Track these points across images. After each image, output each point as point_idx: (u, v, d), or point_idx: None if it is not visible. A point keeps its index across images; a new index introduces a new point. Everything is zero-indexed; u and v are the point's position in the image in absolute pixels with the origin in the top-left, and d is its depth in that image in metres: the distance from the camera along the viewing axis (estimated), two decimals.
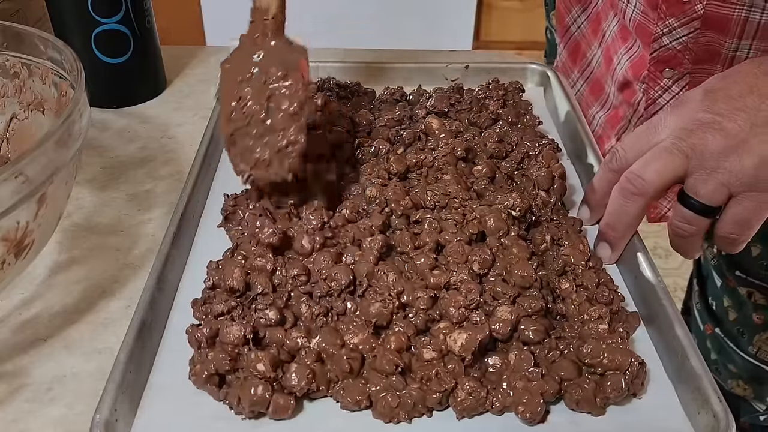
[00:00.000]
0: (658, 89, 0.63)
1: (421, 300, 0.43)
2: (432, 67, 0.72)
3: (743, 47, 0.57)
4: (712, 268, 0.84)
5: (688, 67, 0.60)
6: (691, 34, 0.58)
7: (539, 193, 0.52)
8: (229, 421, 0.39)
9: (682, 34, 0.58)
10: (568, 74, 0.77)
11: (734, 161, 0.44)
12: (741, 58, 0.58)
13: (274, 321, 0.42)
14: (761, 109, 0.45)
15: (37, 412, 0.42)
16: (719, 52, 0.58)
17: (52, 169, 0.41)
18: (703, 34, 0.58)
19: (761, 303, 0.77)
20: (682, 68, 0.60)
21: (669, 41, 0.59)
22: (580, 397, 0.39)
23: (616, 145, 0.50)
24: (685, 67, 0.60)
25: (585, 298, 0.44)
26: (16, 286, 0.50)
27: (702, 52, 0.59)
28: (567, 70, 0.78)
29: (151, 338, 0.43)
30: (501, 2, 1.84)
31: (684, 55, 0.59)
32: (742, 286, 0.79)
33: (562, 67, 0.79)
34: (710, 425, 0.38)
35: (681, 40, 0.59)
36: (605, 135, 0.73)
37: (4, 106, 0.54)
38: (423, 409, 0.39)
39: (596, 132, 0.74)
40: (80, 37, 0.67)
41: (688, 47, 0.59)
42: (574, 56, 0.76)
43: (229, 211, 0.52)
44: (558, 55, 0.80)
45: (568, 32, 0.76)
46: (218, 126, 0.61)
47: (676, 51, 0.59)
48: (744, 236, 0.47)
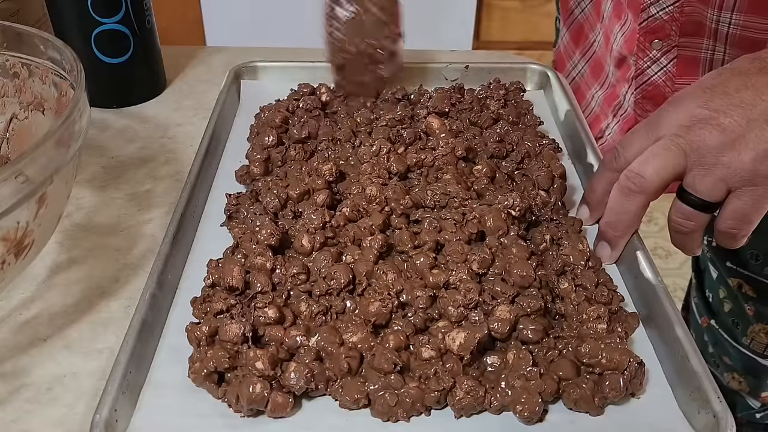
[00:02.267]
0: (647, 60, 0.65)
1: (420, 299, 0.43)
2: (432, 67, 0.72)
3: (724, 20, 0.59)
4: (708, 261, 0.84)
5: (675, 40, 0.63)
6: (676, 4, 0.61)
7: (539, 193, 0.52)
8: (228, 418, 0.39)
9: (668, 3, 0.62)
10: (569, 57, 0.78)
11: (732, 156, 0.45)
12: (723, 31, 0.60)
13: (273, 319, 0.42)
14: (757, 104, 0.45)
15: (37, 412, 0.42)
16: (703, 23, 0.61)
17: (52, 169, 0.41)
18: (688, 3, 0.61)
19: (751, 294, 0.78)
20: (670, 40, 0.63)
21: (656, 11, 0.62)
22: (578, 397, 0.39)
23: (616, 144, 0.50)
24: (673, 39, 0.63)
25: (584, 298, 0.44)
26: (16, 286, 0.50)
27: (688, 23, 0.62)
28: (569, 52, 0.78)
29: (151, 337, 0.43)
30: (501, 2, 1.83)
31: (671, 25, 0.62)
32: (732, 277, 0.79)
33: (564, 50, 0.79)
34: (710, 425, 0.38)
35: (667, 9, 0.62)
36: (602, 113, 0.74)
37: (4, 106, 0.54)
38: (421, 407, 0.39)
39: (593, 111, 0.75)
40: (80, 37, 0.67)
41: (674, 17, 0.62)
42: (576, 38, 0.78)
43: (231, 211, 0.52)
44: (560, 38, 0.81)
45: (572, 15, 0.77)
46: (219, 124, 0.62)
47: (663, 21, 0.62)
48: (744, 231, 0.47)
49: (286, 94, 0.66)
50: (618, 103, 0.71)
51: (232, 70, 0.70)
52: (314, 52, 0.66)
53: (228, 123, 0.65)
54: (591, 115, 0.75)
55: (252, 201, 0.53)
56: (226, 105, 0.65)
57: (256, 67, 0.71)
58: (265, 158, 0.56)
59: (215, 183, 0.58)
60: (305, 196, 0.52)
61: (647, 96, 0.68)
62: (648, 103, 0.68)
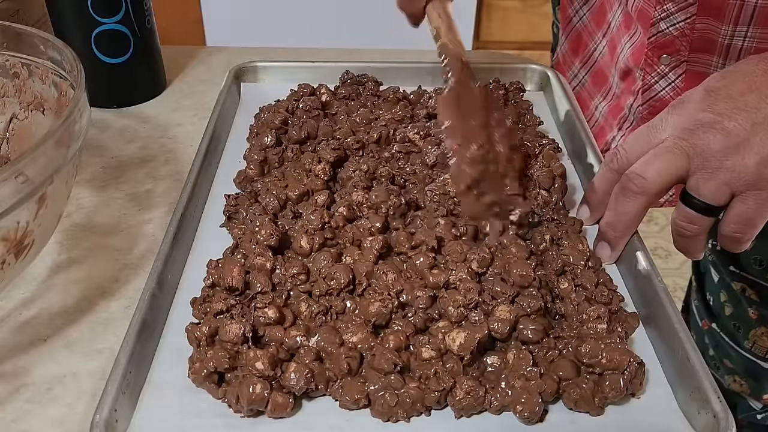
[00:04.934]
0: (654, 75, 0.64)
1: (420, 299, 0.43)
2: (432, 67, 0.72)
3: (739, 34, 0.58)
4: (710, 264, 0.84)
5: (684, 55, 0.61)
6: (687, 20, 0.59)
7: (540, 193, 0.52)
8: (228, 419, 0.39)
9: (679, 19, 0.59)
10: (569, 65, 0.78)
11: (736, 160, 0.44)
12: (737, 47, 0.58)
13: (273, 320, 0.42)
14: (761, 108, 0.45)
15: (37, 412, 0.42)
16: (715, 40, 0.59)
17: (52, 169, 0.41)
18: (700, 20, 0.59)
19: (754, 298, 0.78)
20: (679, 56, 0.62)
21: (666, 26, 0.60)
22: (578, 397, 0.39)
23: (617, 145, 0.50)
24: (682, 54, 0.61)
25: (584, 298, 0.44)
26: (16, 286, 0.50)
27: (698, 40, 0.60)
28: (568, 61, 0.78)
29: (151, 337, 0.43)
30: (501, 2, 1.83)
31: (681, 41, 0.60)
32: (735, 281, 0.79)
33: (563, 58, 0.79)
34: (710, 425, 0.38)
35: (678, 25, 0.60)
36: (607, 125, 0.73)
37: (4, 106, 0.54)
38: (421, 408, 0.39)
39: (598, 123, 0.74)
40: (80, 37, 0.67)
41: (684, 33, 0.60)
42: (575, 47, 0.77)
43: (231, 212, 0.52)
44: (559, 46, 0.80)
45: (570, 23, 0.76)
46: (219, 124, 0.62)
47: (673, 37, 0.61)
48: (748, 235, 0.47)
49: (286, 94, 0.66)
50: (623, 116, 0.70)
51: (232, 70, 0.70)
52: (314, 52, 0.67)
53: (228, 123, 0.65)
54: (596, 127, 0.74)
55: (251, 202, 0.53)
56: (226, 105, 0.65)
57: (256, 67, 0.71)
58: (261, 159, 0.56)
59: (215, 183, 0.58)
60: (304, 196, 0.52)
61: (654, 110, 0.66)
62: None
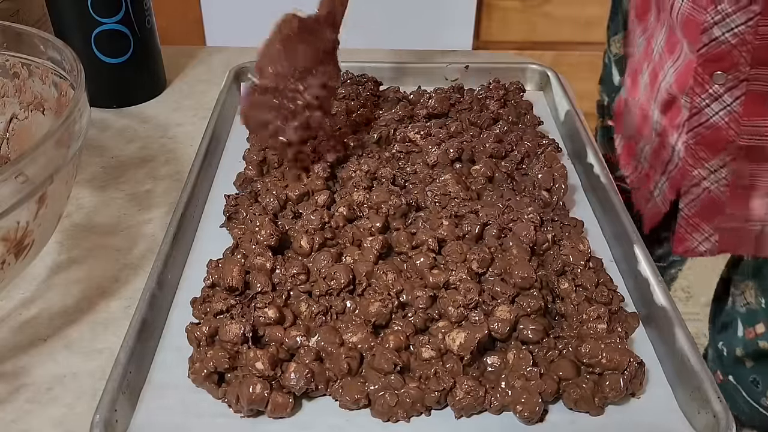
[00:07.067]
0: (705, 97, 0.52)
1: (420, 299, 0.43)
2: (432, 67, 0.72)
3: None
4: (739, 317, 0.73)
5: (745, 72, 0.50)
6: (749, 22, 0.48)
7: (541, 193, 0.52)
8: (228, 418, 0.39)
9: (738, 22, 0.48)
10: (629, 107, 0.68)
11: None
12: None
13: (273, 320, 0.42)
14: None
15: (37, 412, 0.42)
16: None
17: (52, 169, 0.41)
18: (765, 21, 0.47)
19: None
20: (737, 72, 0.50)
21: (721, 32, 0.49)
22: (578, 397, 0.39)
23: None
24: (741, 70, 0.50)
25: (584, 298, 0.44)
26: (16, 286, 0.50)
27: (763, 49, 0.48)
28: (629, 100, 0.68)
29: (151, 337, 0.43)
30: (501, 2, 1.83)
31: (740, 51, 0.49)
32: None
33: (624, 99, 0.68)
34: (710, 425, 0.38)
35: (736, 30, 0.48)
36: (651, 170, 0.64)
37: (4, 106, 0.54)
38: (421, 408, 0.39)
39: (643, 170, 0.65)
40: (80, 37, 0.67)
41: (745, 40, 0.48)
42: (633, 88, 0.66)
43: (231, 212, 0.52)
44: (624, 88, 0.68)
45: (632, 59, 0.65)
46: (219, 124, 0.62)
47: (731, 45, 0.49)
48: None
49: None
50: (667, 158, 0.58)
51: (232, 70, 0.70)
52: None
53: (228, 123, 0.65)
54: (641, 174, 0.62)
55: (251, 202, 0.53)
56: (226, 105, 0.66)
57: None
58: (260, 160, 0.56)
59: (215, 183, 0.58)
60: (304, 196, 0.52)
61: (703, 141, 0.53)
62: (703, 150, 0.54)
